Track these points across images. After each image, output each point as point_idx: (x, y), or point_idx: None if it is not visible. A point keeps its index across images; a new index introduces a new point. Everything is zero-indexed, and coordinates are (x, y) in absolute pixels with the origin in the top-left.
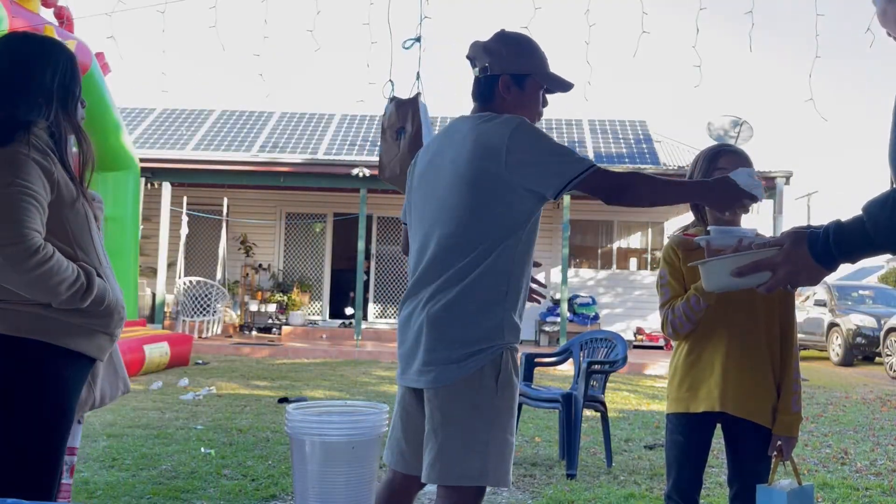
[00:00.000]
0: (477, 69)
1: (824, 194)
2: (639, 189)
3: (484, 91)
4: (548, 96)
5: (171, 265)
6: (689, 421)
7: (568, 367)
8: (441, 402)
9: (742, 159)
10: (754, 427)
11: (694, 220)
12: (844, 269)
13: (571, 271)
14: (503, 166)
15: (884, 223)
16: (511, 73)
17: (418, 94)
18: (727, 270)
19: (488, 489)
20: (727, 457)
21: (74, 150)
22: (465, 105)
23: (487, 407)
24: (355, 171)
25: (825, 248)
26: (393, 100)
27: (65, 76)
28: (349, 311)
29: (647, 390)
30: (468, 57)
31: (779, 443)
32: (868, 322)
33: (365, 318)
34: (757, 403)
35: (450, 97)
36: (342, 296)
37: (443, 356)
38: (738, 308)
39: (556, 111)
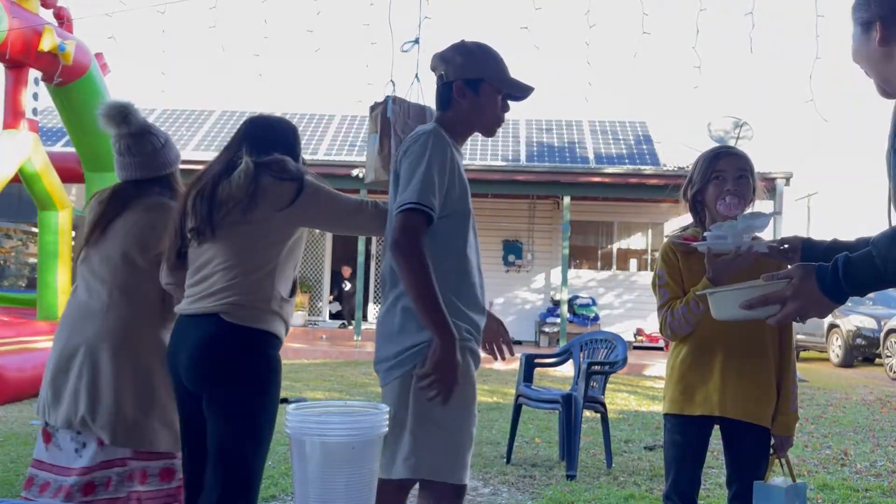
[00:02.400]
0: (437, 78)
1: (824, 195)
2: (404, 266)
3: (442, 98)
4: (549, 97)
5: None
6: (687, 421)
7: (568, 368)
8: (386, 400)
9: (742, 161)
10: (753, 428)
11: (693, 222)
12: None
13: (572, 272)
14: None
15: (893, 258)
16: (464, 79)
17: (388, 97)
18: (736, 302)
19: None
20: (726, 457)
21: None
22: None
23: (422, 404)
24: (355, 171)
25: (834, 282)
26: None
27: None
28: (335, 307)
29: (647, 391)
30: (431, 68)
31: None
32: (868, 323)
33: (365, 318)
34: (758, 406)
35: None
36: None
37: (383, 355)
38: None
39: (556, 112)
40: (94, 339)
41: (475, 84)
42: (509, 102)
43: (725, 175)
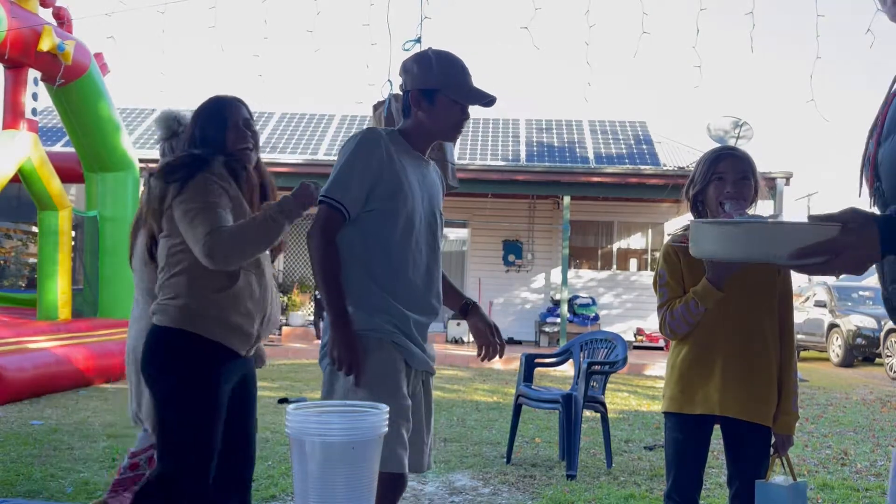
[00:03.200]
0: (399, 86)
1: (824, 195)
2: (309, 251)
3: (404, 106)
4: (549, 97)
5: None
6: (688, 419)
7: (568, 368)
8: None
9: (744, 163)
10: (755, 427)
11: None
12: None
13: (572, 272)
14: None
15: None
16: (420, 89)
17: (389, 96)
18: (779, 242)
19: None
20: (727, 456)
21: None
22: None
23: (339, 394)
24: None
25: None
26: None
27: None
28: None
29: (647, 391)
30: (400, 75)
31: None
32: (868, 323)
33: None
34: (759, 405)
35: None
36: None
37: (321, 345)
38: (739, 310)
39: (556, 111)
40: (137, 341)
41: (430, 94)
42: (489, 104)
43: (726, 177)
